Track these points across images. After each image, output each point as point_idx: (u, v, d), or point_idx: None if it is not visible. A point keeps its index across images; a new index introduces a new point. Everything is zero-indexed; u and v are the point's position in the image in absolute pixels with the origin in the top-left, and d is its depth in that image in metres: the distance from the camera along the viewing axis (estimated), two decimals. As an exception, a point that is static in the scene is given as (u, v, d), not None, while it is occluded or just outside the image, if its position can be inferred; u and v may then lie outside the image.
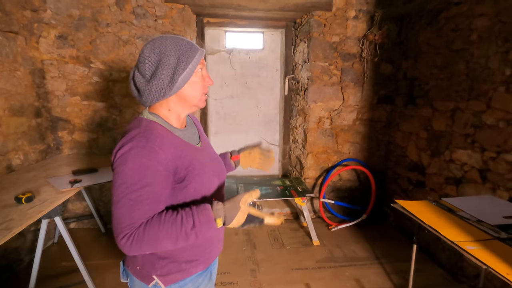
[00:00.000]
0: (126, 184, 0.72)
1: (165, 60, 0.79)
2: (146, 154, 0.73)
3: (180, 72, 0.79)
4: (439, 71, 2.21)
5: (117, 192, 0.72)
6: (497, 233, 1.24)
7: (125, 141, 0.75)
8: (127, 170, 0.72)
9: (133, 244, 0.71)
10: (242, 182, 2.80)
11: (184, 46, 0.81)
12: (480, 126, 1.88)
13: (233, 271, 2.13)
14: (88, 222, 2.72)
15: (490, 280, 1.80)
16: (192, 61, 0.81)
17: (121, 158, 0.73)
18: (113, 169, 0.75)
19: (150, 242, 0.72)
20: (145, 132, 0.76)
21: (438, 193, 2.24)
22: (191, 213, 0.75)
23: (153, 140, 0.75)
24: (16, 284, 1.97)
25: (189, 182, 0.81)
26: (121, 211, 0.72)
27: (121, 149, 0.74)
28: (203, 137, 1.00)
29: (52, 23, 2.32)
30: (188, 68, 0.80)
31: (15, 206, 1.41)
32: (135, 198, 0.72)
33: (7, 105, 2.01)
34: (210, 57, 2.96)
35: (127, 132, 0.78)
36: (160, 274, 0.84)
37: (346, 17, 2.61)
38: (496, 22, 1.76)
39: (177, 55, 0.79)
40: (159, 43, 0.80)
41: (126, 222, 0.71)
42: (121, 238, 0.71)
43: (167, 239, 0.73)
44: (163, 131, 0.80)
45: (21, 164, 2.13)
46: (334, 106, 2.79)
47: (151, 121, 0.82)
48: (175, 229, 0.73)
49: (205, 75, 0.88)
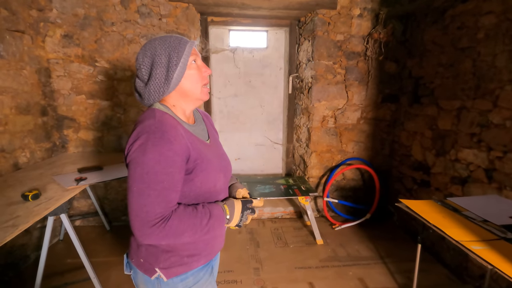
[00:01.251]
0: (148, 175, 0.73)
1: (157, 60, 0.81)
2: (164, 145, 0.74)
3: (173, 68, 0.81)
4: (444, 70, 2.19)
5: (138, 183, 0.73)
6: (503, 233, 1.23)
7: (140, 131, 0.75)
8: (147, 160, 0.73)
9: (161, 233, 0.74)
10: (245, 181, 2.80)
11: (172, 42, 0.82)
12: (487, 125, 1.86)
13: (236, 269, 2.14)
14: (93, 219, 2.75)
15: (496, 281, 1.79)
16: (183, 54, 0.82)
17: (139, 148, 0.73)
18: (130, 160, 0.75)
19: (176, 232, 0.76)
20: (160, 123, 0.77)
21: (443, 192, 2.22)
22: (208, 207, 0.83)
23: (168, 131, 0.76)
24: (23, 281, 1.99)
25: (196, 175, 0.82)
26: (146, 201, 0.73)
27: (138, 139, 0.74)
28: (212, 134, 1.01)
29: (58, 22, 2.34)
30: (181, 63, 0.81)
31: (22, 203, 1.42)
32: (159, 189, 0.74)
33: (13, 103, 2.03)
34: (214, 55, 2.96)
35: (141, 122, 0.78)
36: (163, 267, 0.85)
37: (351, 16, 2.59)
38: (503, 20, 1.74)
39: (167, 52, 0.81)
40: (149, 46, 0.83)
41: (154, 212, 0.73)
42: (150, 227, 0.73)
43: (189, 230, 0.78)
44: (175, 123, 0.82)
45: (27, 162, 2.15)
46: (338, 105, 2.78)
47: (164, 112, 0.83)
48: (196, 221, 0.79)
49: (201, 65, 0.88)
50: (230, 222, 0.89)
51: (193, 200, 0.85)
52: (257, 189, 2.58)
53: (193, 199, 0.85)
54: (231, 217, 0.89)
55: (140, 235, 0.74)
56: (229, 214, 0.88)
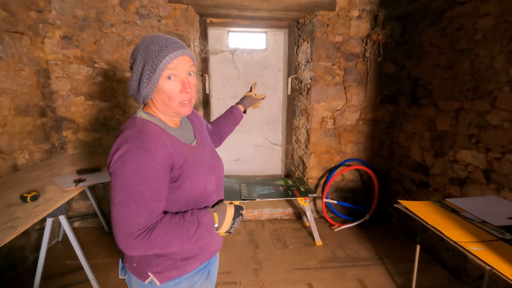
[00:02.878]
0: (128, 186, 0.72)
1: (134, 67, 0.79)
2: (144, 154, 0.72)
3: (144, 82, 0.77)
4: (443, 71, 2.20)
5: (119, 194, 0.72)
6: (501, 234, 1.23)
7: (120, 142, 0.74)
8: (127, 172, 0.71)
9: (145, 245, 0.73)
10: (244, 182, 2.81)
11: (153, 51, 0.75)
12: (485, 126, 1.86)
13: (235, 271, 2.13)
14: (92, 221, 2.74)
15: (494, 281, 1.79)
16: (156, 70, 0.75)
17: (119, 160, 0.72)
18: (111, 172, 0.74)
19: (161, 243, 0.75)
20: (139, 132, 0.76)
21: (442, 193, 2.23)
22: (196, 215, 0.82)
23: (147, 140, 0.74)
24: (21, 282, 1.99)
25: (184, 181, 0.81)
26: (127, 213, 0.72)
27: (118, 151, 0.73)
28: (198, 134, 0.98)
29: (57, 24, 2.34)
30: (152, 79, 0.76)
31: (20, 205, 1.42)
32: (140, 200, 0.72)
33: (12, 104, 2.03)
34: (213, 57, 2.97)
35: (121, 132, 0.77)
36: (156, 272, 0.85)
37: (349, 17, 2.60)
38: (501, 21, 1.75)
39: (144, 61, 0.76)
40: (137, 47, 0.80)
41: (136, 224, 0.72)
42: (133, 239, 0.72)
43: (176, 240, 0.77)
44: (157, 130, 0.80)
45: (26, 163, 2.15)
46: (337, 106, 2.78)
47: (145, 120, 0.81)
48: (183, 231, 0.77)
49: (182, 81, 0.79)
50: (219, 230, 0.87)
51: (184, 206, 0.84)
52: (256, 190, 2.58)
53: (183, 205, 0.84)
54: (220, 225, 0.86)
55: (124, 247, 0.73)
56: (218, 222, 0.85)
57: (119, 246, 0.73)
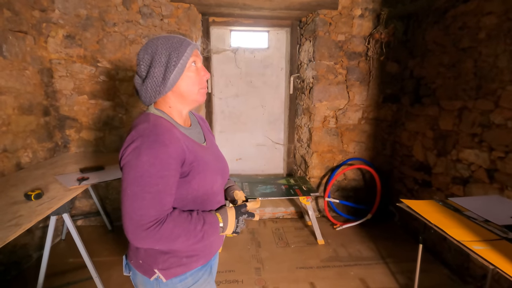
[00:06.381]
0: (142, 178, 0.73)
1: (156, 59, 0.81)
2: (158, 147, 0.74)
3: (171, 68, 0.81)
4: (446, 70, 2.19)
5: (132, 186, 0.73)
6: (504, 233, 1.23)
7: (135, 135, 0.75)
8: (141, 163, 0.73)
9: (154, 237, 0.74)
10: (246, 181, 2.81)
11: (174, 43, 0.82)
12: (488, 125, 1.86)
13: (238, 269, 2.14)
14: (95, 219, 2.76)
15: (497, 281, 1.79)
16: (183, 56, 0.81)
17: (133, 152, 0.73)
18: (124, 163, 0.75)
19: (170, 237, 0.76)
20: (154, 127, 0.77)
21: (445, 193, 2.22)
22: (201, 215, 0.83)
23: (162, 134, 0.76)
24: (25, 280, 2.00)
25: (193, 177, 0.82)
26: (140, 204, 0.73)
27: (133, 143, 0.74)
28: (208, 137, 1.01)
29: (60, 23, 2.35)
30: (180, 64, 0.81)
31: (24, 203, 1.43)
32: (154, 192, 0.74)
33: (16, 103, 2.04)
34: (215, 56, 2.97)
35: (136, 127, 0.78)
36: (162, 268, 0.85)
37: (352, 16, 2.59)
38: (505, 20, 1.74)
39: (168, 52, 0.81)
40: (151, 44, 0.83)
41: (148, 215, 0.73)
42: (144, 230, 0.73)
43: (183, 235, 0.78)
44: (169, 126, 0.82)
45: (30, 162, 2.16)
46: (339, 105, 2.78)
47: (159, 116, 0.83)
48: (191, 227, 0.79)
49: (200, 69, 0.88)
50: (225, 230, 0.88)
51: (191, 202, 0.85)
52: (258, 189, 2.58)
53: (190, 201, 0.85)
54: (225, 224, 0.88)
55: (134, 238, 0.74)
56: (222, 222, 0.87)
57: (128, 237, 0.74)
